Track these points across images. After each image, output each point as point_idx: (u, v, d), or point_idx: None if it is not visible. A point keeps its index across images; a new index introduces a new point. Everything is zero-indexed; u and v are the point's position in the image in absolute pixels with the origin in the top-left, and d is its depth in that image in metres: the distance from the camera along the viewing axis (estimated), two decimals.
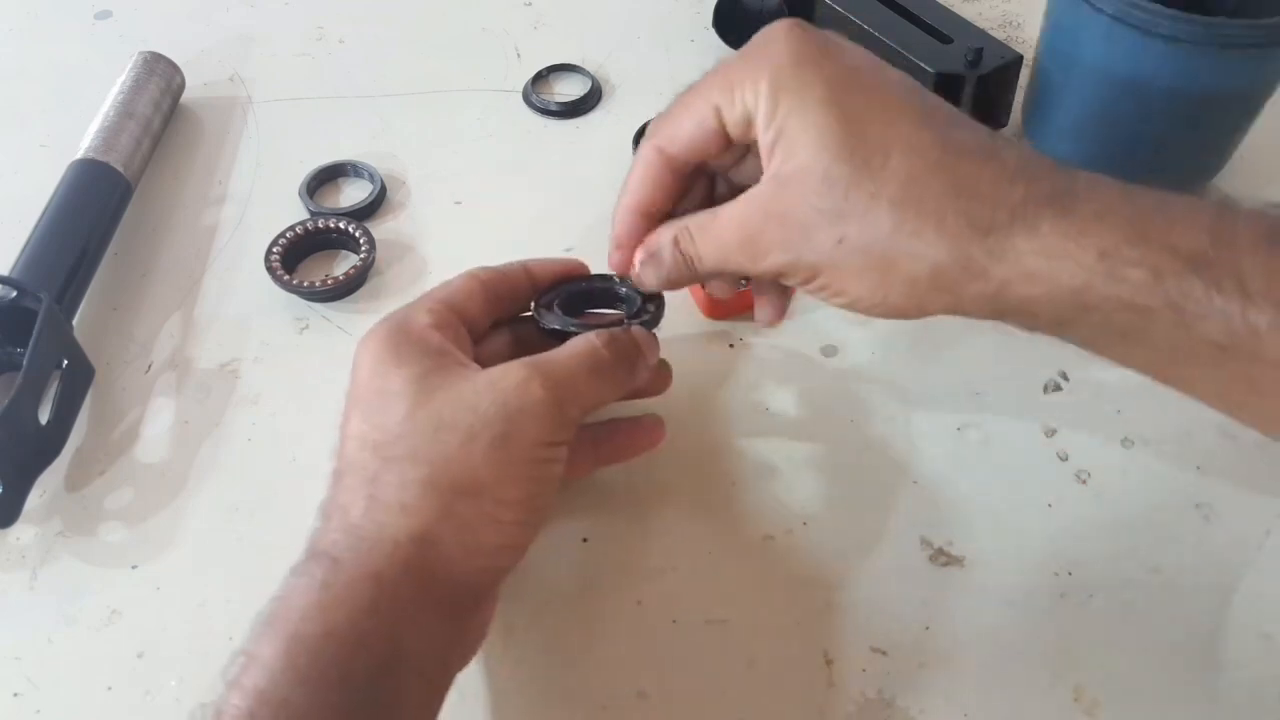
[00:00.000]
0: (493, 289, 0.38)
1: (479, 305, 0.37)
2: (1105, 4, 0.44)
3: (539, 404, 0.32)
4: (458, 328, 0.36)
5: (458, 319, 0.36)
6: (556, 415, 0.33)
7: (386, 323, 0.35)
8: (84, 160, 0.51)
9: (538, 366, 0.33)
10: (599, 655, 0.37)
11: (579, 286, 0.41)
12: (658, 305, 0.40)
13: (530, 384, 0.32)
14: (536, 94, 0.60)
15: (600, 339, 0.35)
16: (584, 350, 0.35)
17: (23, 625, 0.38)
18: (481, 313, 0.37)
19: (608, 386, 0.35)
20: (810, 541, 0.40)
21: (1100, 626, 0.37)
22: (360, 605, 0.29)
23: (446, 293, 0.37)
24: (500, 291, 0.38)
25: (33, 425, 0.41)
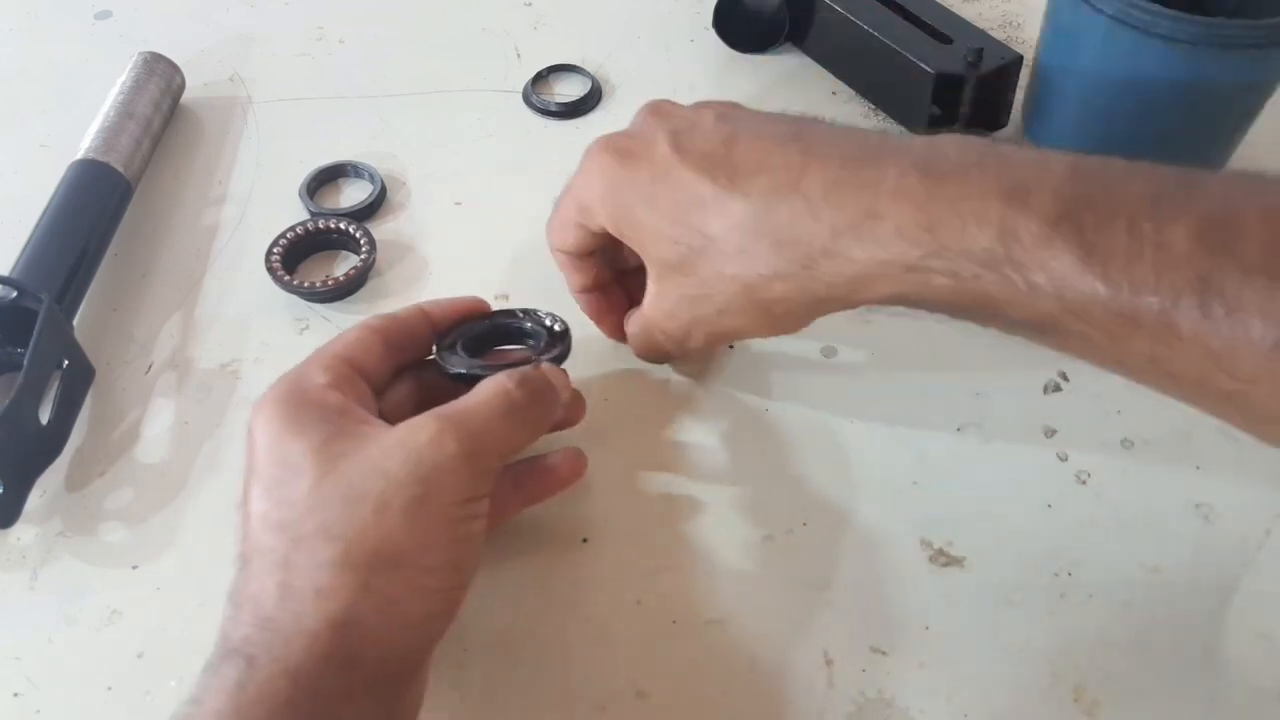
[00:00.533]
0: (390, 337, 0.37)
1: (377, 356, 0.36)
2: (1105, 4, 0.44)
3: (453, 459, 0.30)
4: (356, 383, 0.34)
5: (356, 374, 0.35)
6: (473, 468, 0.31)
7: (279, 387, 0.33)
8: (84, 160, 0.51)
9: (449, 418, 0.31)
10: (599, 655, 0.37)
11: (481, 325, 0.40)
12: (565, 340, 0.40)
13: (443, 438, 0.31)
14: (536, 94, 0.60)
15: (511, 380, 0.34)
16: (496, 394, 0.33)
17: (23, 625, 0.38)
18: (381, 363, 0.36)
19: (524, 429, 0.34)
20: (810, 541, 0.40)
21: (1100, 626, 0.37)
22: (279, 706, 0.27)
23: (341, 347, 0.35)
24: (398, 338, 0.37)
25: (33, 425, 0.41)
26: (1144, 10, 0.43)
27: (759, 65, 0.62)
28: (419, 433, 0.31)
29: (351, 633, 0.28)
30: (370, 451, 0.30)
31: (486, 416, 0.32)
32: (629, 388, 0.45)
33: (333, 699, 0.28)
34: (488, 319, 0.40)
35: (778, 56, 0.62)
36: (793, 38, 0.62)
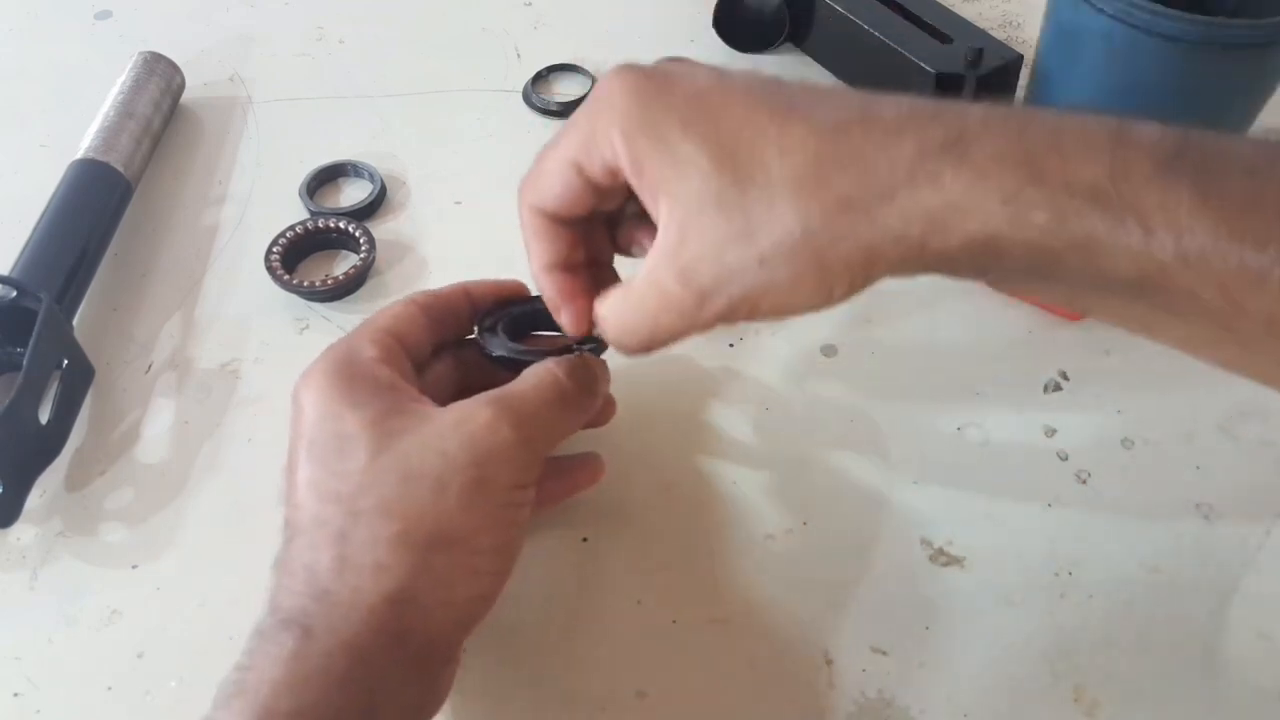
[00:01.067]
0: (433, 313, 0.36)
1: (420, 331, 0.36)
2: (1105, 4, 0.44)
3: (509, 445, 0.31)
4: (401, 358, 0.34)
5: (401, 349, 0.34)
6: (525, 454, 0.31)
7: (329, 358, 0.33)
8: (84, 160, 0.51)
9: (504, 403, 0.32)
10: (599, 655, 0.37)
11: (522, 309, 0.39)
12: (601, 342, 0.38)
13: (499, 423, 0.31)
14: (536, 94, 0.60)
15: (561, 368, 0.34)
16: (547, 382, 0.33)
17: (23, 625, 0.38)
18: (423, 339, 0.36)
19: (572, 418, 0.34)
20: (810, 541, 0.40)
21: (1100, 626, 0.37)
22: (334, 678, 0.27)
23: (387, 321, 0.35)
24: (440, 315, 0.37)
25: (33, 425, 0.41)
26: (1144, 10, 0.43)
27: (759, 65, 0.62)
28: (475, 417, 0.31)
29: (406, 610, 0.29)
30: (426, 431, 0.31)
31: (538, 403, 0.32)
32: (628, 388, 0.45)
33: (383, 674, 0.28)
34: (528, 303, 0.39)
35: (778, 56, 0.62)
36: (793, 38, 0.62)
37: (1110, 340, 0.46)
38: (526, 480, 0.32)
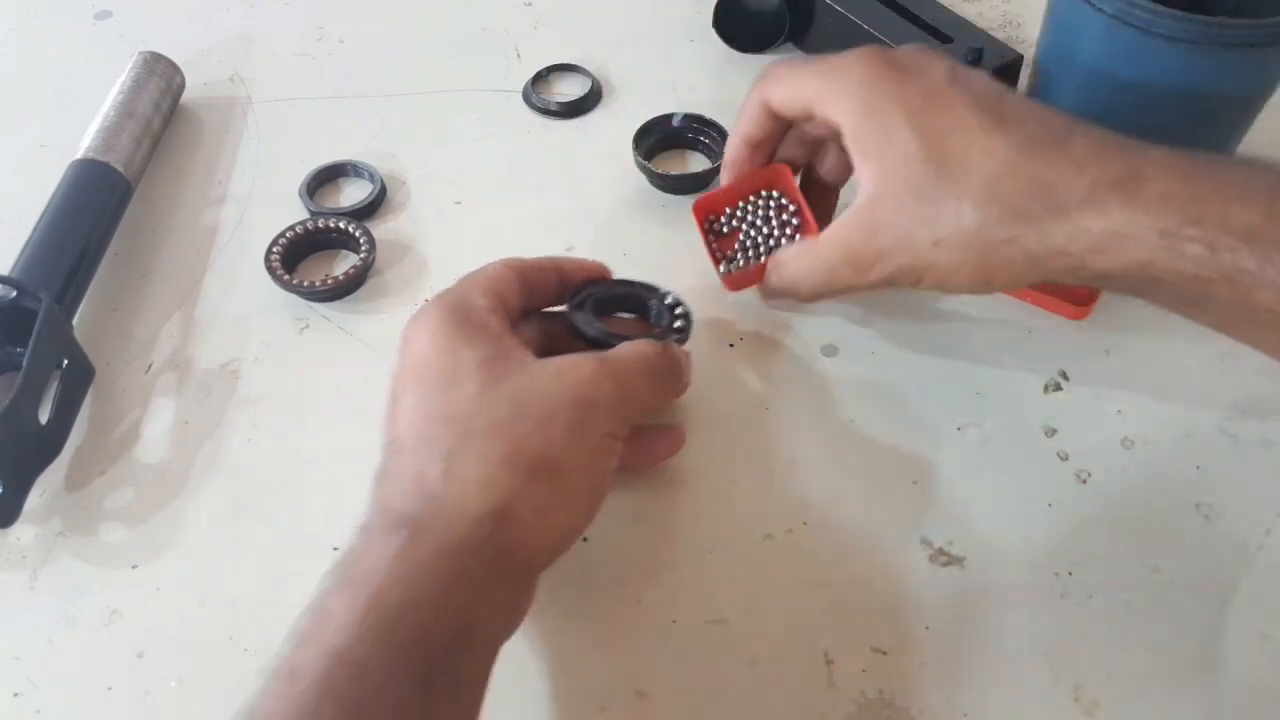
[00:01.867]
0: (527, 280, 0.39)
1: (515, 293, 0.38)
2: (1105, 4, 0.44)
3: (609, 397, 0.34)
4: (502, 313, 0.37)
5: (503, 305, 0.37)
6: (620, 411, 0.34)
7: (443, 302, 0.36)
8: (84, 160, 0.51)
9: (606, 363, 0.35)
10: (599, 655, 0.37)
11: (610, 291, 0.42)
12: (687, 323, 0.41)
13: (601, 377, 0.34)
14: (536, 94, 0.60)
15: (654, 349, 0.37)
16: (642, 356, 0.36)
17: (23, 625, 0.38)
18: (517, 301, 0.38)
19: (659, 393, 0.37)
20: (810, 541, 0.40)
21: (1100, 626, 0.37)
22: (442, 578, 0.29)
23: (492, 280, 0.38)
24: (532, 284, 0.39)
25: (33, 425, 0.41)
26: (1144, 10, 0.43)
27: (759, 65, 0.62)
28: (580, 368, 0.34)
29: (506, 526, 0.31)
30: (534, 373, 0.34)
31: (632, 371, 0.35)
32: None
33: (483, 582, 0.30)
34: (616, 286, 0.42)
35: (778, 57, 0.62)
36: (793, 38, 0.62)
37: (1110, 340, 0.46)
38: (618, 433, 0.34)
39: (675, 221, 0.52)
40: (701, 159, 0.56)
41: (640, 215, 0.53)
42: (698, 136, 0.56)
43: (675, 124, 0.56)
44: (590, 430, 0.33)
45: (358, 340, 0.48)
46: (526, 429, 0.32)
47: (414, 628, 0.28)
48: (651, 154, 0.55)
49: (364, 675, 0.27)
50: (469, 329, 0.35)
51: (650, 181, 0.54)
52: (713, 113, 0.55)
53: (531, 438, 0.32)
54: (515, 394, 0.33)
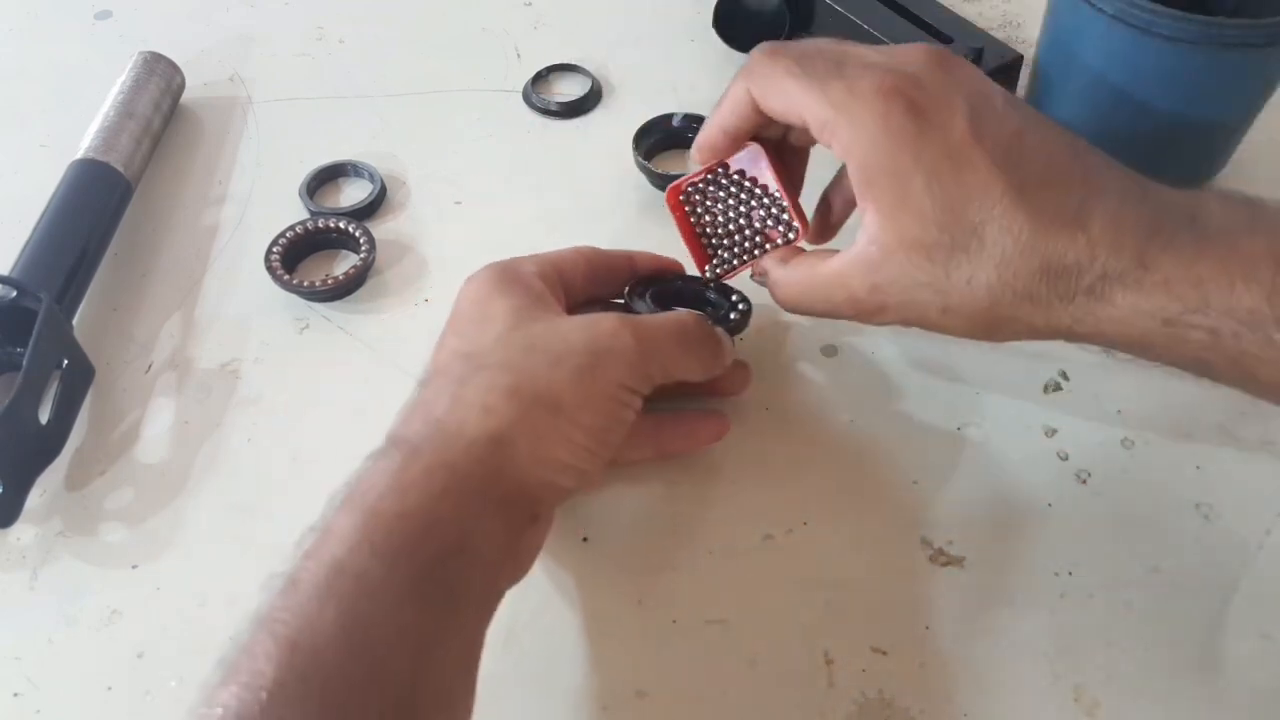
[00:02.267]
0: (595, 266, 0.41)
1: (580, 276, 0.40)
2: (1105, 4, 0.44)
3: (626, 349, 0.35)
4: (557, 286, 0.38)
5: (559, 280, 0.39)
6: (639, 365, 0.35)
7: (494, 265, 0.38)
8: (84, 160, 0.51)
9: (630, 320, 0.36)
10: (599, 655, 0.37)
11: (673, 284, 0.43)
12: (742, 314, 0.42)
13: (621, 330, 0.35)
14: (536, 94, 0.60)
15: (692, 317, 0.38)
16: (674, 320, 0.37)
17: (23, 625, 0.38)
18: (582, 284, 0.40)
19: (689, 359, 0.37)
20: (810, 541, 0.40)
21: (1100, 626, 0.37)
22: (433, 491, 0.30)
23: (554, 256, 0.40)
24: (601, 271, 0.41)
25: (33, 425, 0.41)
26: (1144, 10, 0.43)
27: None
28: (602, 321, 0.35)
29: (502, 451, 0.32)
30: (558, 322, 0.35)
31: (661, 332, 0.36)
32: None
33: (477, 502, 0.31)
34: (679, 280, 0.43)
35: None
36: (793, 37, 0.62)
37: None
38: (634, 385, 0.35)
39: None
40: None
41: (640, 215, 0.53)
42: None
43: (675, 124, 0.56)
44: (601, 376, 0.34)
45: (358, 340, 0.48)
46: (536, 366, 0.33)
47: (406, 537, 0.29)
48: (651, 154, 0.55)
49: (362, 581, 0.28)
50: (508, 284, 0.37)
51: (650, 181, 0.54)
52: None
53: (539, 374, 0.33)
54: (533, 336, 0.34)
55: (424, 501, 0.30)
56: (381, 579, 0.28)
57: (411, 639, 0.28)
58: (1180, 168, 0.51)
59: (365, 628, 0.28)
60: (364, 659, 0.27)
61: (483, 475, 0.31)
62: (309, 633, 0.27)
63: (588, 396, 0.33)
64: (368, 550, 0.29)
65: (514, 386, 0.33)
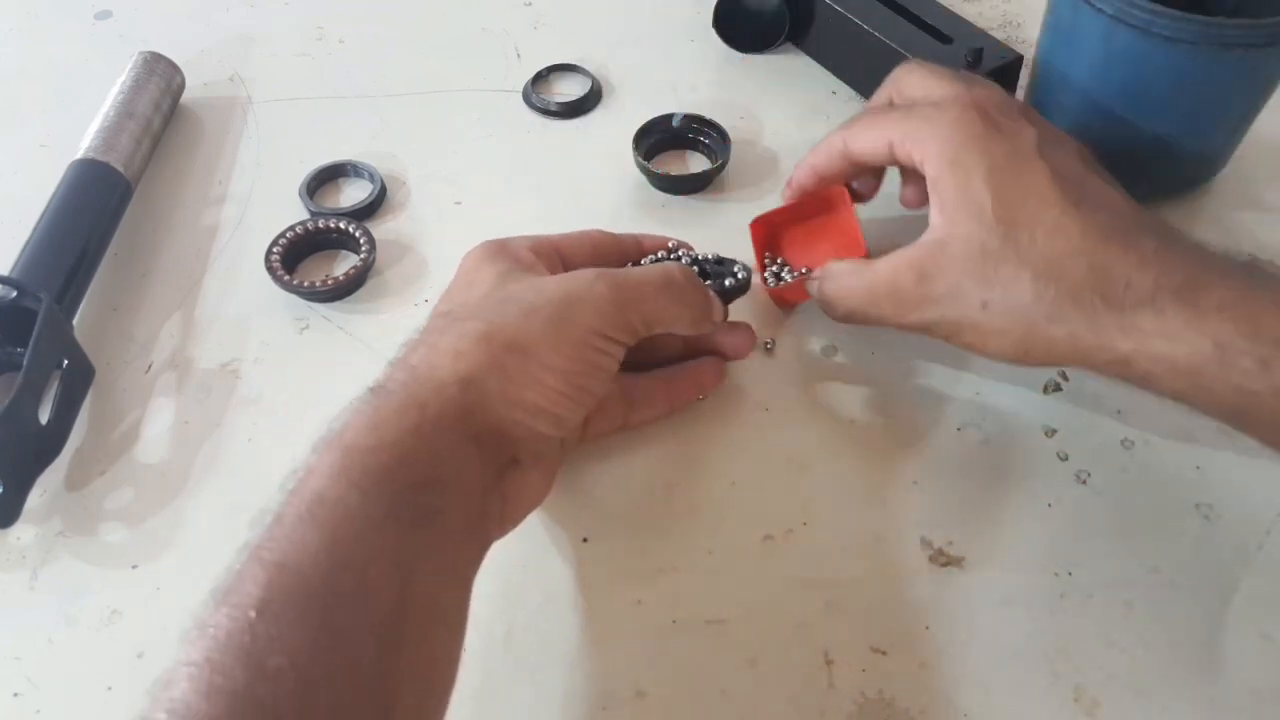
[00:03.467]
0: (600, 249, 0.42)
1: (584, 256, 0.41)
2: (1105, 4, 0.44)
3: (601, 298, 0.35)
4: (554, 264, 0.39)
5: (557, 258, 0.40)
6: (616, 313, 0.35)
7: (489, 240, 0.39)
8: (84, 160, 0.51)
9: (610, 272, 0.36)
10: (599, 655, 0.37)
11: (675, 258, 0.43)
12: (738, 281, 0.42)
13: (598, 281, 0.36)
14: (536, 94, 0.60)
15: (676, 268, 0.39)
16: (658, 270, 0.38)
17: (23, 625, 0.38)
18: (584, 264, 0.40)
19: (675, 308, 0.38)
20: (810, 541, 0.40)
21: (1100, 626, 0.37)
22: (405, 427, 0.31)
23: (555, 237, 0.41)
24: (607, 253, 0.42)
25: (33, 425, 0.41)
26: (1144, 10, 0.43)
27: (759, 65, 0.62)
28: (581, 275, 0.36)
29: (474, 390, 0.33)
30: (537, 280, 0.37)
31: (643, 281, 0.37)
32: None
33: (450, 437, 0.32)
34: (686, 258, 0.43)
35: (778, 56, 0.62)
36: (793, 38, 0.62)
37: None
38: (611, 333, 0.36)
39: (675, 221, 0.52)
40: (701, 159, 0.56)
41: (640, 215, 0.53)
42: (698, 137, 0.56)
43: (675, 124, 0.56)
44: (574, 323, 0.35)
45: (358, 340, 0.48)
46: (509, 314, 0.34)
47: (381, 468, 0.30)
48: (651, 154, 0.55)
49: (341, 506, 0.29)
50: (498, 254, 0.38)
51: (650, 181, 0.54)
52: (712, 113, 0.55)
53: (510, 321, 0.34)
54: (511, 292, 0.36)
55: (396, 436, 0.31)
56: (359, 505, 0.29)
57: (393, 556, 0.29)
58: (1180, 168, 0.51)
59: (347, 546, 0.29)
60: (348, 575, 0.28)
61: (454, 414, 0.32)
62: (294, 555, 0.28)
63: (559, 341, 0.34)
64: (345, 482, 0.30)
65: (486, 333, 0.34)
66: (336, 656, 0.27)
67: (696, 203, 0.54)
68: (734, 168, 0.55)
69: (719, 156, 0.54)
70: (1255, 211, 0.52)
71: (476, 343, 0.33)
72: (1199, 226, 0.51)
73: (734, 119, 0.57)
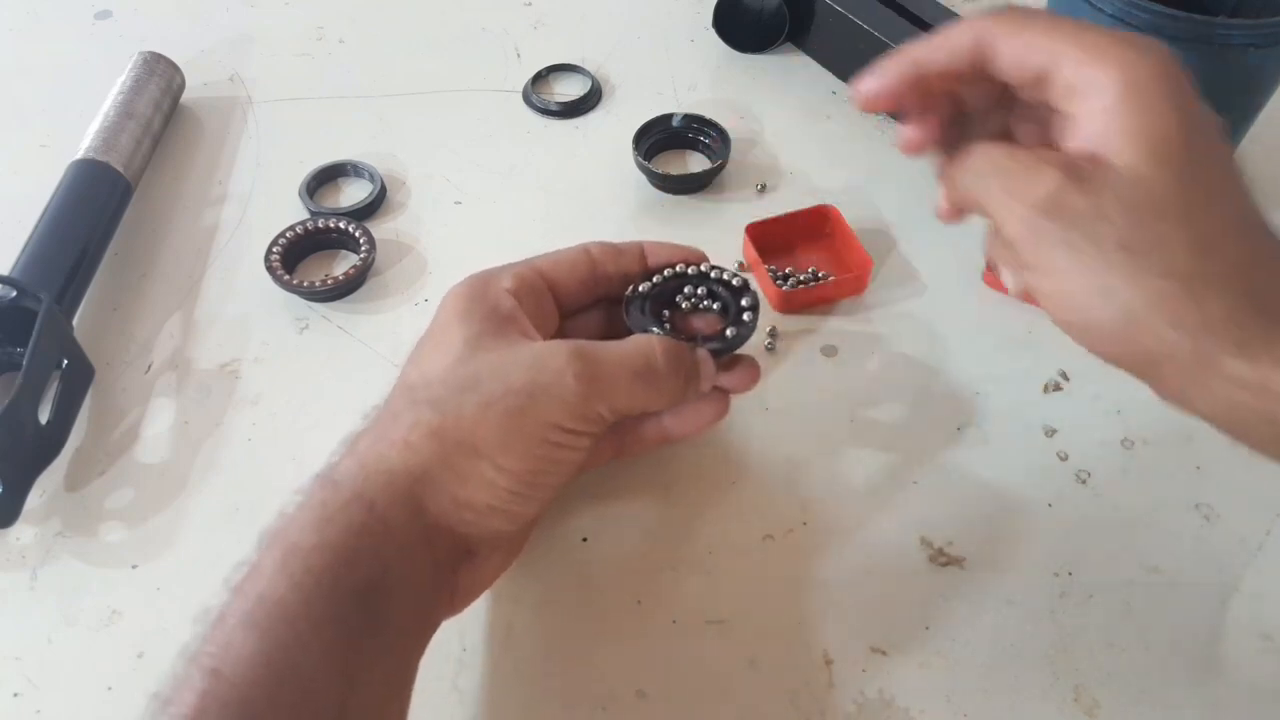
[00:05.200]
0: (601, 267, 0.38)
1: (579, 280, 0.38)
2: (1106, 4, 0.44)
3: (568, 391, 0.33)
4: (541, 298, 0.37)
5: (545, 289, 0.37)
6: (581, 407, 0.33)
7: (471, 278, 0.36)
8: (84, 160, 0.51)
9: (582, 356, 0.33)
10: (599, 655, 0.37)
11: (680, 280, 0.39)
12: (737, 334, 0.37)
13: (566, 372, 0.33)
14: (536, 94, 0.60)
15: (660, 345, 0.35)
16: (639, 353, 0.35)
17: (23, 625, 0.38)
18: (581, 288, 0.38)
19: (652, 395, 0.35)
20: (810, 541, 0.40)
21: (1100, 626, 0.37)
22: (353, 526, 0.30)
23: (546, 262, 0.38)
24: (608, 269, 0.38)
25: (33, 425, 0.41)
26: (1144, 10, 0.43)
27: (759, 65, 0.62)
28: (551, 358, 0.33)
29: (422, 489, 0.31)
30: (504, 357, 0.33)
31: (619, 368, 0.34)
32: None
33: (399, 537, 0.31)
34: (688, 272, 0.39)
35: (778, 56, 0.62)
36: (793, 37, 0.62)
37: None
38: (575, 427, 0.33)
39: (675, 221, 0.52)
40: (701, 159, 0.56)
41: (640, 215, 0.53)
42: (698, 136, 0.56)
43: (675, 124, 0.56)
44: (532, 419, 0.32)
45: (358, 340, 0.48)
46: (464, 407, 0.32)
47: (324, 569, 0.29)
48: (651, 154, 0.55)
49: (281, 609, 0.28)
50: (473, 305, 0.35)
51: (650, 181, 0.54)
52: (712, 113, 0.55)
53: (465, 416, 0.32)
54: (472, 373, 0.33)
55: (342, 537, 0.30)
56: (300, 609, 0.28)
57: (336, 666, 0.28)
58: None
59: (286, 654, 0.28)
60: (288, 685, 0.27)
61: (403, 512, 0.31)
62: (231, 661, 0.27)
63: (511, 441, 0.32)
64: (286, 583, 0.29)
65: (438, 427, 0.32)
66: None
67: (696, 202, 0.54)
68: (734, 168, 0.55)
69: (719, 156, 0.54)
70: None
71: (428, 438, 0.32)
72: None
73: (734, 119, 0.57)
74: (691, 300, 0.39)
